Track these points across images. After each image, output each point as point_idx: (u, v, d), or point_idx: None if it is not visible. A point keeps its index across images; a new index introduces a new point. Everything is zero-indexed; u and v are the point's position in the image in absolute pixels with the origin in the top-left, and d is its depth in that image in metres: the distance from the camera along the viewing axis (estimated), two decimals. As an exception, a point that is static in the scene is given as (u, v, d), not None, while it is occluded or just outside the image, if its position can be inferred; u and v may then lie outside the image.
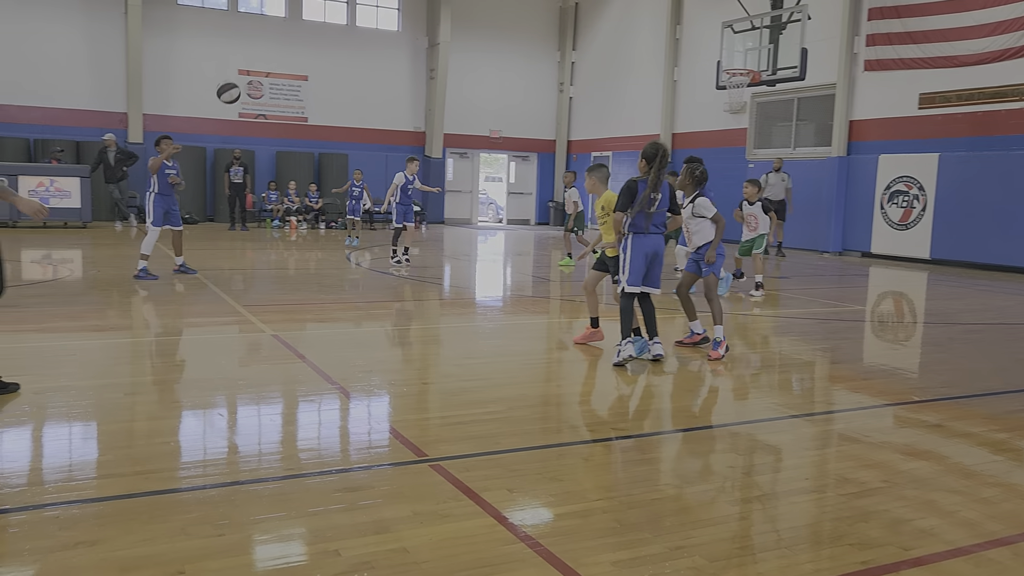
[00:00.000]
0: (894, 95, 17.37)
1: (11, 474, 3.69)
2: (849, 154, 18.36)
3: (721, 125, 21.70)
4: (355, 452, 4.19)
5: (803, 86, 18.65)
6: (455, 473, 3.80)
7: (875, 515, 3.50)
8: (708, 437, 4.69)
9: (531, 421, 4.86)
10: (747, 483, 3.91)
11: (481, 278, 13.16)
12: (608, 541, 3.14)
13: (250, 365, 6.24)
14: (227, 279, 10.94)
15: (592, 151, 27.00)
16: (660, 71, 23.62)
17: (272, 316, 8.13)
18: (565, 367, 6.62)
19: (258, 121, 23.74)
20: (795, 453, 4.43)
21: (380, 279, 11.84)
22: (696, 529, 3.28)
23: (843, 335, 8.33)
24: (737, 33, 18.64)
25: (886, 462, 4.22)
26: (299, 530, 3.16)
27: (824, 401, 5.84)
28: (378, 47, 25.13)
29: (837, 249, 18.43)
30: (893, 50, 17.19)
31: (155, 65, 22.18)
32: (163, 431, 4.42)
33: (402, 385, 5.68)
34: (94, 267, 12.22)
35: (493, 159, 31.49)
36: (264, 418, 4.78)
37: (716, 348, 6.71)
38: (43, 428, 4.40)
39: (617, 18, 25.80)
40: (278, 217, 21.98)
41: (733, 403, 5.58)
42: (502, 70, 26.90)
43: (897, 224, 17.09)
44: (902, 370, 6.74)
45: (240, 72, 23.29)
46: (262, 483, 3.66)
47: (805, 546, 3.19)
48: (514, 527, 3.24)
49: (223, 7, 23.29)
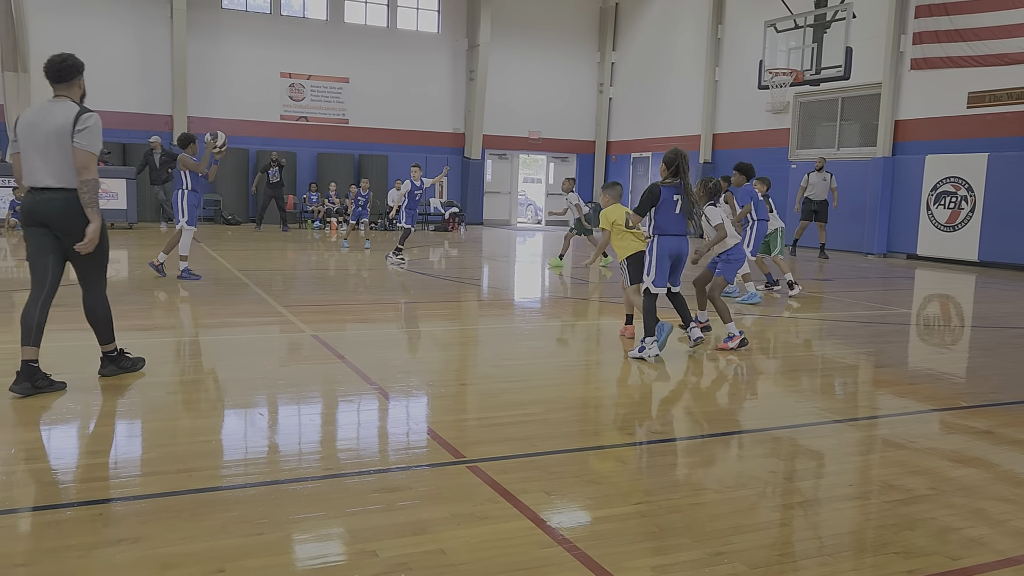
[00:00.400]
0: (942, 94, 17.01)
1: (57, 471, 3.77)
2: (894, 154, 18.01)
3: (763, 125, 21.45)
4: (393, 453, 4.21)
5: (847, 85, 18.35)
6: (493, 475, 3.79)
7: (922, 523, 3.41)
8: (749, 441, 4.63)
9: (569, 423, 4.84)
10: (789, 489, 3.84)
11: (519, 279, 13.16)
12: (647, 546, 3.11)
13: (290, 365, 6.30)
14: (268, 279, 11.07)
15: (632, 152, 26.85)
16: (701, 71, 23.41)
17: (312, 316, 8.20)
18: (603, 369, 6.58)
19: (299, 123, 24.01)
20: (838, 458, 4.34)
21: (418, 280, 11.89)
22: (736, 535, 3.23)
23: (888, 339, 8.16)
24: (780, 32, 18.40)
25: (933, 469, 4.12)
26: (337, 530, 3.18)
27: (868, 406, 5.72)
28: (418, 49, 25.27)
29: (882, 251, 18.10)
30: (941, 48, 16.83)
31: (199, 68, 22.56)
32: (205, 430, 4.48)
33: (440, 386, 5.69)
34: (139, 267, 12.45)
35: (532, 160, 31.46)
36: (304, 418, 4.82)
37: (727, 341, 7.09)
38: (88, 426, 4.48)
39: (658, 18, 25.63)
40: (319, 218, 22.21)
41: (775, 407, 5.49)
42: (541, 71, 26.88)
43: (944, 226, 16.72)
44: (949, 375, 6.59)
45: (282, 75, 23.60)
46: (301, 482, 3.68)
47: (848, 554, 3.13)
48: (552, 530, 3.22)
49: (266, 11, 23.60)
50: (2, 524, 3.15)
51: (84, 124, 4.90)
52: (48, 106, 5.04)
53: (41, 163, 4.95)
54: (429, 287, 11.16)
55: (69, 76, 5.05)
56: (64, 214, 4.96)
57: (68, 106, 4.98)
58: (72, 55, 5.10)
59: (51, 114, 4.96)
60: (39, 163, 4.95)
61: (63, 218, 4.97)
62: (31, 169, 4.99)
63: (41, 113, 5.02)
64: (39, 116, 5.00)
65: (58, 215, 4.96)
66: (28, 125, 5.00)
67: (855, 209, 18.53)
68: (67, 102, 5.02)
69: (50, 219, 4.98)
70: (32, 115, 5.05)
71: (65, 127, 4.90)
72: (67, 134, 4.90)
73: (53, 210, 4.96)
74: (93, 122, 4.95)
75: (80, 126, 4.89)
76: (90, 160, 4.92)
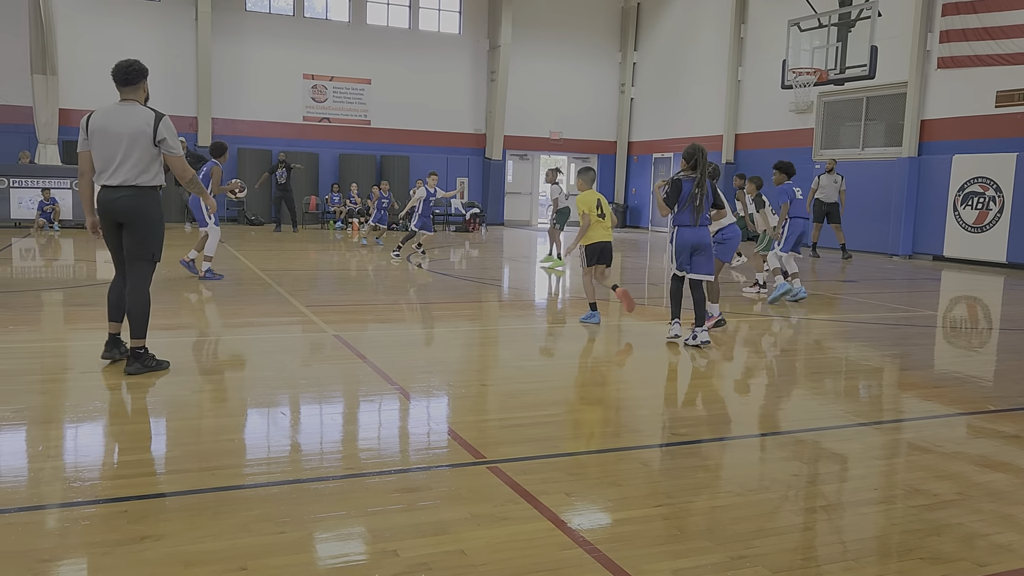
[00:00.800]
0: (969, 93, 16.79)
1: (84, 468, 3.81)
2: (920, 154, 17.81)
3: (786, 125, 21.29)
4: (414, 453, 4.22)
5: (872, 85, 18.17)
6: (513, 476, 3.78)
7: (948, 529, 3.37)
8: (771, 444, 4.59)
9: (590, 424, 4.82)
10: (812, 492, 3.81)
11: (540, 280, 13.14)
12: (668, 548, 3.09)
13: (312, 364, 6.33)
14: (291, 279, 11.14)
15: (654, 152, 26.76)
16: (724, 71, 23.29)
17: (334, 316, 8.24)
18: (624, 370, 6.56)
19: (322, 124, 24.15)
20: (863, 462, 4.30)
21: (439, 280, 11.91)
22: (758, 538, 3.20)
23: (913, 341, 8.06)
24: (804, 31, 18.24)
25: (960, 473, 4.06)
26: (358, 529, 3.19)
27: (893, 409, 5.66)
28: (440, 50, 25.34)
29: (907, 252, 17.90)
30: (969, 46, 16.62)
31: (224, 70, 22.76)
32: (228, 428, 4.51)
33: (461, 386, 5.70)
34: (163, 267, 12.57)
35: (553, 161, 31.43)
36: (325, 417, 4.84)
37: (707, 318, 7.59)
38: (114, 424, 4.53)
39: (680, 18, 25.52)
40: (341, 219, 22.33)
41: (798, 409, 5.44)
42: (563, 72, 26.86)
43: (971, 227, 16.51)
44: (976, 378, 6.49)
45: (305, 76, 23.75)
46: (323, 482, 3.70)
47: (873, 559, 3.09)
48: (572, 532, 3.21)
49: (289, 13, 23.77)
50: (30, 520, 3.19)
51: (165, 133, 5.38)
52: (118, 109, 5.42)
53: (114, 163, 5.35)
54: (450, 287, 11.17)
55: (135, 80, 5.47)
56: (132, 209, 5.40)
57: (141, 111, 5.41)
58: (137, 61, 5.53)
59: (123, 117, 5.37)
60: (111, 163, 5.36)
61: (130, 212, 5.40)
62: (102, 167, 5.40)
63: (112, 116, 5.39)
64: (110, 119, 5.38)
65: (127, 209, 5.39)
66: (99, 127, 5.37)
67: (880, 210, 18.34)
68: (137, 106, 5.43)
69: (119, 213, 5.42)
70: (102, 117, 5.40)
71: (144, 132, 5.34)
72: (147, 139, 5.34)
73: (123, 205, 5.39)
74: (171, 128, 5.45)
75: (161, 135, 5.37)
76: (183, 164, 5.53)
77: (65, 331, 7.50)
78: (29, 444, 4.10)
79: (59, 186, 18.49)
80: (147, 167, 5.40)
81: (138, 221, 5.43)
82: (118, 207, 5.39)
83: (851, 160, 19.35)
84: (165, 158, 5.45)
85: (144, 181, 5.41)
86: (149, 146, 5.37)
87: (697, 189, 6.93)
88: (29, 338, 6.85)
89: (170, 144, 5.42)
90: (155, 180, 5.48)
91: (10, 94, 20.77)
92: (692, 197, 6.94)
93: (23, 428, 4.34)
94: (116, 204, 5.38)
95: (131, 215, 5.42)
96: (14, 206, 18.36)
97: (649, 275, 13.66)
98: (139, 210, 5.41)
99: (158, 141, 5.36)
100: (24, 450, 4.03)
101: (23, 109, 20.74)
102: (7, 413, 4.55)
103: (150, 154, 5.39)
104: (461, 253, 16.89)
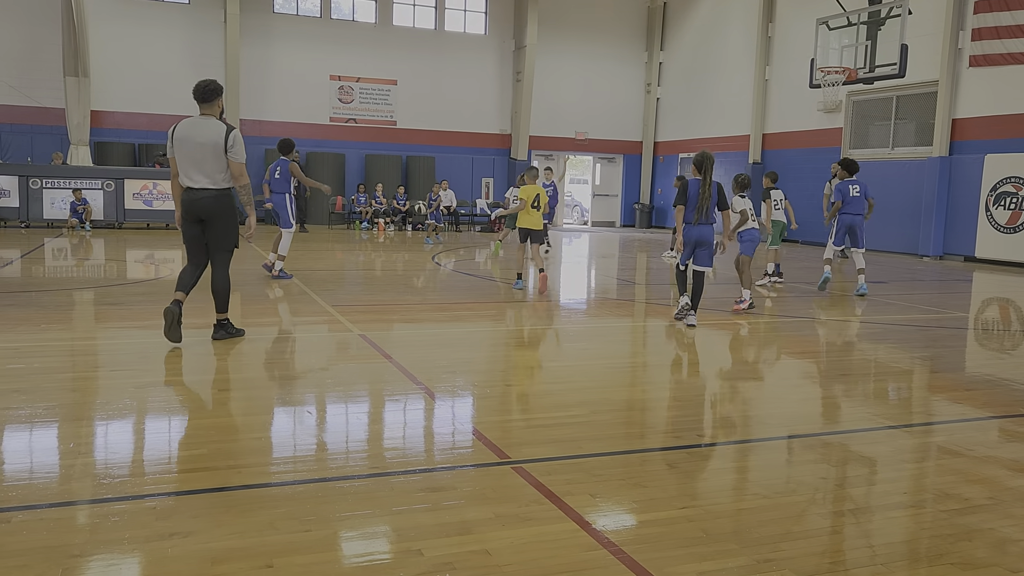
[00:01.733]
0: (1002, 91, 16.54)
1: (113, 465, 3.86)
2: (951, 154, 17.57)
3: (814, 125, 21.10)
4: (439, 452, 4.22)
5: (902, 83, 17.95)
6: (537, 476, 3.78)
7: (979, 534, 3.31)
8: (798, 446, 4.55)
9: (615, 426, 4.81)
10: (840, 495, 3.76)
11: (565, 280, 13.12)
12: (693, 551, 3.07)
13: (338, 364, 6.37)
14: (317, 279, 11.21)
15: (680, 152, 26.63)
16: (751, 70, 23.12)
17: (360, 316, 8.28)
18: (649, 371, 6.53)
19: (348, 125, 24.30)
20: (892, 466, 4.24)
21: (464, 280, 11.93)
22: (785, 542, 3.17)
23: (944, 343, 7.95)
24: (832, 30, 18.07)
25: (992, 478, 3.99)
26: (383, 528, 3.20)
27: (923, 412, 5.58)
28: (465, 51, 25.39)
29: (938, 253, 17.66)
30: (1001, 44, 16.37)
31: (251, 72, 22.97)
32: (255, 427, 4.55)
33: (485, 387, 5.70)
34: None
35: (579, 161, 31.39)
36: (351, 416, 4.87)
37: (739, 303, 9.24)
38: (143, 422, 4.59)
39: (706, 17, 25.37)
40: (367, 219, 22.45)
41: (825, 411, 5.39)
42: (588, 72, 26.81)
43: (1004, 227, 16.25)
44: (1009, 381, 6.38)
45: (332, 77, 23.91)
46: (348, 480, 3.72)
47: (902, 563, 3.05)
48: (597, 533, 3.20)
49: (316, 14, 23.94)
50: (60, 516, 3.23)
51: (234, 142, 6.37)
52: (197, 122, 6.38)
53: (195, 168, 6.34)
54: (475, 287, 11.19)
55: (211, 97, 6.41)
56: (212, 208, 6.41)
57: (216, 124, 6.38)
58: (215, 81, 6.46)
59: (201, 129, 6.33)
60: (193, 168, 6.34)
61: (210, 211, 6.42)
62: (185, 172, 6.37)
63: (192, 127, 6.35)
64: (191, 130, 6.34)
65: (207, 207, 6.40)
66: (182, 137, 6.32)
67: (911, 210, 18.12)
68: (213, 120, 6.40)
69: (201, 211, 6.41)
70: (185, 128, 6.35)
71: (218, 143, 6.31)
72: (220, 148, 6.32)
73: (204, 206, 6.39)
74: (239, 139, 6.44)
75: (231, 144, 6.35)
76: (243, 169, 6.45)
77: (96, 330, 7.60)
78: (61, 441, 4.16)
79: (91, 187, 18.76)
80: (222, 172, 6.37)
81: (217, 218, 6.45)
82: (200, 207, 6.37)
83: (881, 160, 19.13)
84: (228, 162, 6.36)
85: (220, 184, 6.39)
86: (221, 154, 6.32)
87: (702, 191, 7.76)
88: (61, 336, 6.95)
89: (236, 152, 6.37)
90: (229, 183, 6.45)
91: (43, 96, 21.12)
92: (697, 197, 7.79)
93: (55, 425, 4.41)
94: (199, 204, 6.36)
95: (211, 213, 6.41)
96: (47, 206, 18.65)
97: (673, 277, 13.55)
98: (218, 209, 6.42)
99: (228, 148, 6.32)
100: (56, 447, 4.09)
101: (56, 111, 21.08)
102: (40, 410, 4.63)
103: (223, 161, 6.35)
104: (486, 253, 16.91)
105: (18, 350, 6.25)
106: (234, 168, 6.39)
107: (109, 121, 21.94)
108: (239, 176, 6.43)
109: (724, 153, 23.49)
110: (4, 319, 7.43)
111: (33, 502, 3.35)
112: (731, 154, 23.59)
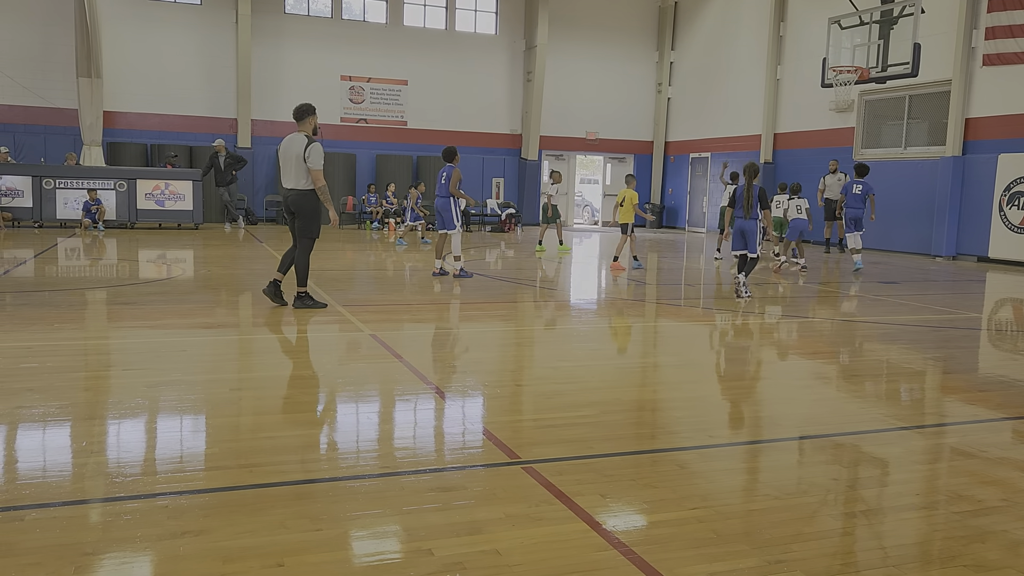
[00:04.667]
0: (1016, 90, 16.41)
1: (126, 463, 3.88)
2: (965, 153, 17.45)
3: (826, 124, 21.00)
4: (449, 452, 4.23)
5: (915, 83, 17.84)
6: (548, 476, 3.78)
7: (993, 535, 3.29)
8: (810, 447, 4.53)
9: (625, 426, 4.80)
10: (851, 497, 3.74)
11: (575, 280, 13.11)
12: (704, 552, 3.06)
13: (349, 364, 6.39)
14: (328, 279, 11.23)
15: (691, 152, 26.55)
16: (762, 70, 23.03)
17: (370, 316, 8.30)
18: (659, 372, 6.52)
19: (359, 125, 24.35)
20: (904, 467, 4.22)
21: (475, 281, 11.93)
22: (796, 543, 3.16)
23: (957, 344, 7.90)
24: (844, 29, 17.97)
25: (1005, 479, 3.97)
26: (394, 528, 3.21)
27: (936, 413, 5.55)
28: (476, 51, 25.40)
29: (951, 253, 17.55)
30: (1016, 43, 16.24)
31: (263, 72, 23.05)
32: (266, 426, 4.57)
33: (496, 386, 5.70)
34: (204, 267, 12.77)
35: (589, 161, 31.35)
36: (362, 416, 4.88)
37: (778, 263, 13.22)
38: (155, 421, 4.61)
39: (718, 16, 25.30)
40: (377, 219, 22.48)
41: (838, 412, 5.36)
42: (599, 72, 26.77)
43: (1018, 227, 16.13)
44: (1023, 382, 6.34)
45: (343, 77, 23.96)
46: (358, 480, 3.73)
47: (914, 565, 3.03)
48: (607, 533, 3.20)
49: (327, 15, 24.00)
50: (72, 514, 3.25)
51: (311, 152, 8.03)
52: (292, 136, 8.21)
53: (286, 173, 8.19)
54: (485, 287, 11.19)
55: (302, 117, 8.23)
56: (297, 204, 8.20)
57: (300, 138, 8.12)
58: (309, 104, 8.34)
59: (293, 143, 8.14)
60: (285, 172, 8.20)
61: (296, 206, 8.22)
62: (284, 177, 8.22)
63: (288, 141, 8.20)
64: (286, 143, 8.22)
65: (294, 203, 8.22)
66: (281, 149, 8.26)
67: (923, 210, 18.02)
68: (301, 136, 8.14)
69: (291, 205, 8.25)
70: (284, 142, 8.24)
71: (299, 153, 8.04)
72: (301, 157, 8.03)
73: (292, 202, 8.23)
74: (317, 149, 8.05)
75: (308, 155, 8.02)
76: (319, 174, 8.08)
77: (109, 329, 7.65)
78: (73, 439, 4.19)
79: (104, 187, 18.86)
80: (304, 176, 8.07)
81: (301, 212, 8.21)
82: (290, 202, 8.26)
83: (894, 160, 19.04)
84: (309, 170, 8.03)
85: (303, 186, 8.11)
86: (302, 162, 8.02)
87: (746, 193, 9.85)
88: (74, 336, 7.00)
89: (311, 160, 8.01)
90: (310, 185, 8.08)
91: (56, 97, 21.26)
92: (742, 198, 9.91)
93: (68, 424, 4.44)
94: (288, 200, 8.26)
95: (297, 208, 8.21)
96: (60, 206, 18.76)
97: (685, 275, 13.55)
98: (302, 205, 8.18)
99: (306, 158, 7.99)
100: (69, 445, 4.12)
101: (69, 112, 21.21)
102: (53, 409, 4.66)
103: (304, 168, 8.04)
104: (497, 253, 16.91)
105: (31, 349, 6.29)
106: (312, 175, 8.02)
107: (121, 122, 22.06)
108: (316, 179, 8.02)
109: (735, 153, 23.41)
110: (18, 319, 7.49)
111: (46, 500, 3.37)
112: (742, 154, 23.50)
